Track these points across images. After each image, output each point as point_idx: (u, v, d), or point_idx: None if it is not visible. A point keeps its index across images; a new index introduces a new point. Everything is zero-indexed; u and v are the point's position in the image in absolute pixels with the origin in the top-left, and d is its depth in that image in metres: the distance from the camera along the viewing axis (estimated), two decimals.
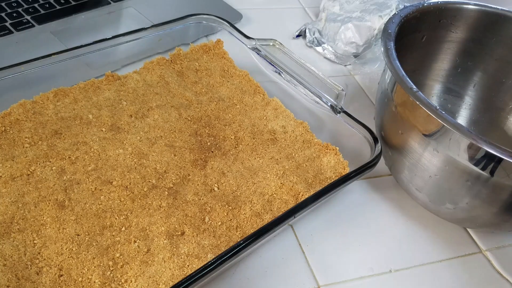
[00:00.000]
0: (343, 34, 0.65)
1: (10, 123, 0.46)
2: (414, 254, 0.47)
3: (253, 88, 0.56)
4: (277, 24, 0.72)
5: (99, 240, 0.40)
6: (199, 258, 0.39)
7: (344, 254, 0.45)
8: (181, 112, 0.51)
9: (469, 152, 0.40)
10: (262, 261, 0.43)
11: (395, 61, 0.45)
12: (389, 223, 0.49)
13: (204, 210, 0.43)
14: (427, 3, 0.52)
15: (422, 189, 0.45)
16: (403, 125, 0.45)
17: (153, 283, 0.38)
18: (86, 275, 0.38)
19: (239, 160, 0.48)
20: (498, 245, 0.49)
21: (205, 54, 0.59)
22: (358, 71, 0.66)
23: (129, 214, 0.42)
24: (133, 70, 0.55)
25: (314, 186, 0.47)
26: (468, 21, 0.55)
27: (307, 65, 0.54)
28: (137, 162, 0.45)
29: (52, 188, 0.42)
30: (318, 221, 0.47)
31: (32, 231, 0.39)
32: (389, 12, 0.65)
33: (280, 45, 0.57)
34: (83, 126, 0.47)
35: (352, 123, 0.51)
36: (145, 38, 0.57)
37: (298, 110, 0.55)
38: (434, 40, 0.55)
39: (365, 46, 0.66)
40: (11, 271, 0.37)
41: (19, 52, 0.57)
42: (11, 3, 0.63)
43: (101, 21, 0.65)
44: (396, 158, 0.47)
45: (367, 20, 0.65)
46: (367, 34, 0.65)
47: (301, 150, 0.50)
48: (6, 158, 0.43)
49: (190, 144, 0.48)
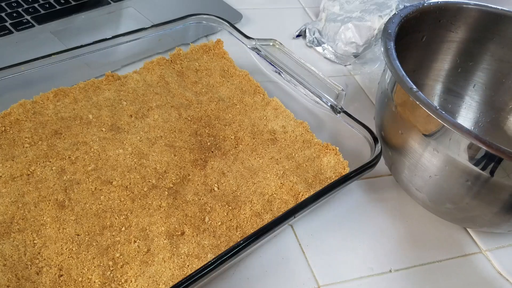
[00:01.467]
0: (343, 34, 0.65)
1: (10, 123, 0.46)
2: (414, 254, 0.47)
3: (253, 88, 0.56)
4: (277, 24, 0.72)
5: (99, 240, 0.40)
6: (199, 258, 0.39)
7: (344, 254, 0.45)
8: (181, 112, 0.51)
9: (469, 152, 0.40)
10: (262, 261, 0.43)
11: (395, 61, 0.45)
12: (389, 223, 0.49)
13: (204, 210, 0.43)
14: (427, 3, 0.52)
15: (422, 189, 0.45)
16: (403, 125, 0.45)
17: (153, 283, 0.38)
18: (86, 275, 0.38)
19: (239, 160, 0.48)
20: (498, 245, 0.49)
21: (205, 54, 0.59)
22: (358, 71, 0.66)
23: (129, 214, 0.42)
24: (133, 70, 0.55)
25: (314, 186, 0.47)
26: (468, 21, 0.55)
27: (307, 65, 0.54)
28: (137, 162, 0.45)
29: (52, 188, 0.42)
30: (318, 221, 0.47)
31: (32, 231, 0.39)
32: (389, 12, 0.65)
33: (280, 45, 0.57)
34: (83, 126, 0.47)
35: (352, 123, 0.51)
36: (145, 38, 0.57)
37: (298, 110, 0.55)
38: (434, 40, 0.55)
39: (365, 46, 0.66)
40: (11, 271, 0.37)
41: (19, 52, 0.57)
42: (11, 3, 0.63)
43: (101, 21, 0.65)
44: (396, 158, 0.47)
45: (367, 20, 0.65)
46: (367, 34, 0.65)
47: (301, 150, 0.50)
48: (6, 158, 0.43)
49: (190, 144, 0.48)
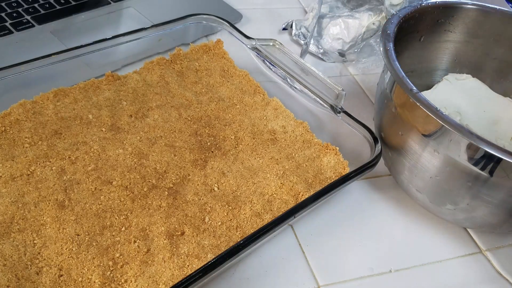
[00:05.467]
0: (331, 29, 0.65)
1: (10, 123, 0.46)
2: (414, 254, 0.47)
3: (253, 88, 0.56)
4: (277, 24, 0.72)
5: (99, 240, 0.40)
6: (199, 258, 0.40)
7: (344, 254, 0.45)
8: (181, 112, 0.51)
9: (469, 153, 0.40)
10: (262, 261, 0.43)
11: (394, 62, 0.45)
12: (389, 223, 0.49)
13: (204, 210, 0.43)
14: (425, 3, 0.53)
15: (423, 190, 0.45)
16: (403, 126, 0.45)
17: (153, 283, 0.38)
18: (86, 275, 0.38)
19: (239, 160, 0.48)
20: (498, 245, 0.49)
21: (205, 54, 0.59)
22: (358, 71, 0.67)
23: (129, 214, 0.42)
24: (133, 70, 0.55)
25: (314, 186, 0.47)
26: (466, 21, 0.55)
27: (307, 65, 0.54)
28: (137, 162, 0.45)
29: (52, 188, 0.42)
30: (318, 221, 0.47)
31: (32, 231, 0.39)
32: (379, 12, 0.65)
33: (280, 45, 0.57)
34: (83, 126, 0.47)
35: (352, 123, 0.51)
36: (145, 38, 0.57)
37: (298, 110, 0.55)
38: (432, 40, 0.56)
39: (351, 44, 0.66)
40: (11, 271, 0.37)
41: (19, 52, 0.57)
42: (11, 3, 0.63)
43: (101, 21, 0.65)
44: (396, 159, 0.47)
45: (356, 18, 0.65)
46: (355, 32, 0.65)
47: (301, 150, 0.50)
48: (6, 158, 0.43)
49: (190, 144, 0.48)
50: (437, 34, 0.55)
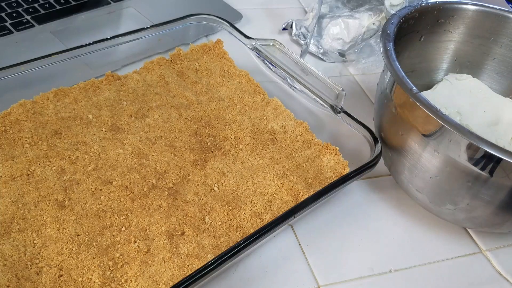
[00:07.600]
0: (331, 29, 0.65)
1: (10, 123, 0.46)
2: (414, 254, 0.47)
3: (253, 88, 0.56)
4: (277, 24, 0.72)
5: (99, 240, 0.40)
6: (199, 258, 0.40)
7: (344, 254, 0.45)
8: (181, 112, 0.51)
9: (469, 153, 0.40)
10: (262, 261, 0.44)
11: (394, 62, 0.45)
12: (389, 223, 0.49)
13: (204, 210, 0.43)
14: (425, 3, 0.53)
15: (423, 190, 0.45)
16: (403, 126, 0.45)
17: (153, 283, 0.38)
18: (86, 275, 0.38)
19: (239, 160, 0.48)
20: (498, 245, 0.49)
21: (205, 54, 0.59)
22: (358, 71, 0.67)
23: (129, 214, 0.42)
24: (133, 70, 0.55)
25: (314, 186, 0.47)
26: (466, 21, 0.55)
27: (307, 65, 0.54)
28: (137, 162, 0.45)
29: (52, 188, 0.42)
30: (318, 221, 0.47)
31: (32, 231, 0.39)
32: (379, 13, 0.65)
33: (280, 45, 0.57)
34: (83, 126, 0.47)
35: (352, 123, 0.51)
36: (145, 38, 0.57)
37: (298, 110, 0.55)
38: (432, 40, 0.56)
39: (351, 44, 0.66)
40: (11, 271, 0.37)
41: (19, 52, 0.57)
42: (11, 3, 0.63)
43: (101, 21, 0.65)
44: (396, 159, 0.47)
45: (356, 18, 0.65)
46: (355, 32, 0.65)
47: (301, 150, 0.50)
48: (6, 158, 0.43)
49: (190, 144, 0.48)
50: (437, 34, 0.55)
